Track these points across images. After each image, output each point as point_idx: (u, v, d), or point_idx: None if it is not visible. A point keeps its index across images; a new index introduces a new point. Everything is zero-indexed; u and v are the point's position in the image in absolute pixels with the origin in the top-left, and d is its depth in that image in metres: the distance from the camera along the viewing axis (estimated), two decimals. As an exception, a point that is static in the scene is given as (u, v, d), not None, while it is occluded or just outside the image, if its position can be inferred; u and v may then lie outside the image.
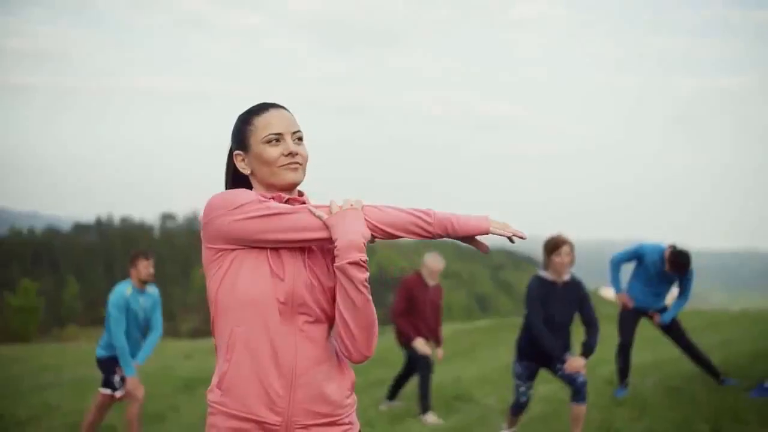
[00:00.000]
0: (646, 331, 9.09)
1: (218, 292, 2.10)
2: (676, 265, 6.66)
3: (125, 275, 6.35)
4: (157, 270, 6.32)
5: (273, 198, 2.15)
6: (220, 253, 2.10)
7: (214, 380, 2.13)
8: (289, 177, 2.15)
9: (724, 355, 8.07)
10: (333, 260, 2.14)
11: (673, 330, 7.03)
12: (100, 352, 6.28)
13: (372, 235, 2.09)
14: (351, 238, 2.02)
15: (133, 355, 6.21)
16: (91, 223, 79.20)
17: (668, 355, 8.70)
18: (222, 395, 2.10)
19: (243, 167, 2.21)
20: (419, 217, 2.11)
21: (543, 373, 5.81)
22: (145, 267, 6.17)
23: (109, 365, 6.21)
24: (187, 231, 79.70)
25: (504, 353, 12.08)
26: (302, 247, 2.12)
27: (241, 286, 2.06)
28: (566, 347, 5.38)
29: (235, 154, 2.22)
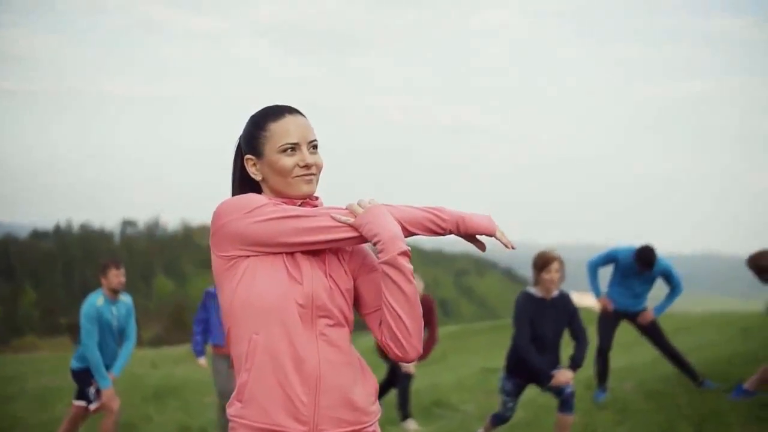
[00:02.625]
0: (621, 335, 9.11)
1: (233, 301, 2.01)
2: (642, 260, 6.73)
3: (84, 283, 6.29)
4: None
5: (285, 202, 2.08)
6: (233, 261, 2.01)
7: (234, 393, 2.03)
8: (303, 189, 2.09)
9: (699, 358, 8.12)
10: (351, 260, 2.11)
11: (652, 331, 7.06)
12: (75, 364, 6.10)
13: None
14: (392, 230, 1.98)
15: (110, 366, 6.05)
16: (49, 229, 77.79)
17: (644, 359, 8.77)
18: (243, 407, 2.00)
19: (254, 173, 2.13)
20: (434, 214, 2.10)
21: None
22: (115, 276, 6.02)
23: (83, 377, 6.03)
24: (148, 238, 78.78)
25: (474, 359, 12.11)
26: (318, 251, 2.05)
27: (257, 291, 1.98)
28: (555, 363, 5.31)
29: (246, 159, 2.13)
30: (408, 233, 2.06)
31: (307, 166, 2.07)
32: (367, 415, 2.07)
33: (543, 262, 5.23)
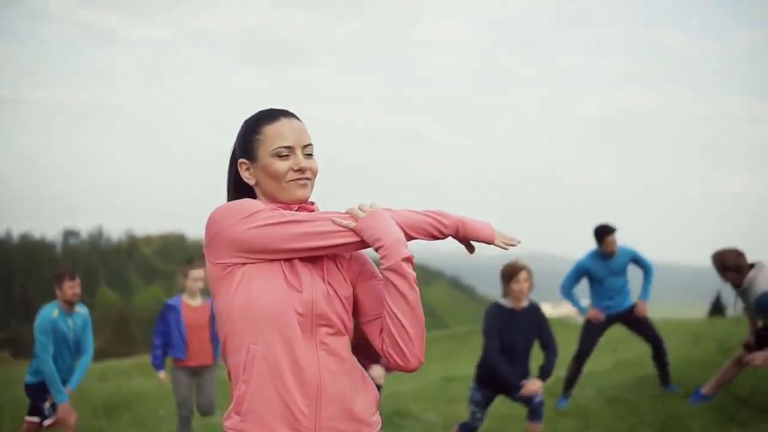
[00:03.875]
0: (575, 343, 9.21)
1: (230, 310, 1.94)
2: (600, 234, 6.84)
3: (24, 295, 6.05)
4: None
5: (281, 207, 2.02)
6: (229, 269, 1.94)
7: (231, 405, 1.97)
8: (297, 193, 2.03)
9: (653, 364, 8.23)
10: (349, 267, 2.06)
11: (645, 327, 7.08)
12: (29, 378, 5.90)
13: None
14: (395, 235, 1.93)
15: (66, 380, 5.87)
16: (-13, 240, 75.62)
17: (601, 367, 8.86)
18: (241, 420, 1.93)
19: (248, 177, 2.07)
20: (435, 218, 2.04)
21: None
22: (70, 287, 5.84)
23: (38, 392, 5.84)
24: (91, 248, 77.26)
25: (432, 368, 12.09)
26: (316, 257, 1.99)
27: (255, 300, 1.91)
28: (525, 374, 5.31)
29: (240, 163, 2.08)
30: (409, 238, 2.01)
31: (301, 170, 2.02)
32: (368, 426, 2.02)
33: (511, 272, 5.25)
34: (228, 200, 2.13)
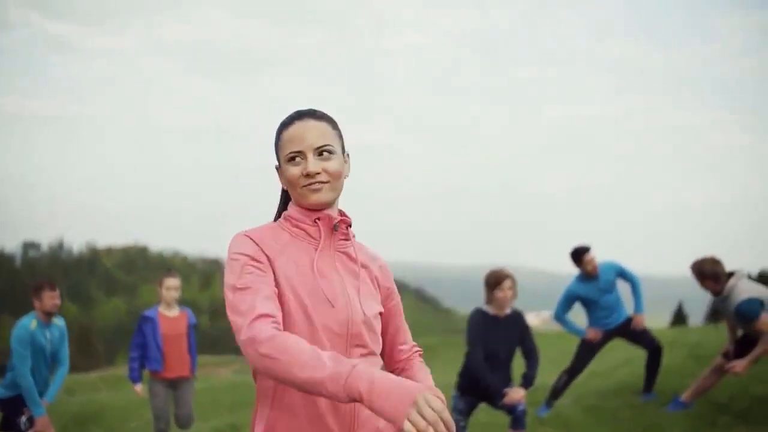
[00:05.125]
0: (551, 352, 9.29)
1: None
2: (577, 256, 6.90)
3: None
4: (20, 301, 5.84)
5: (319, 219, 1.95)
6: None
7: (259, 429, 1.89)
8: (311, 198, 1.93)
9: (629, 372, 8.34)
10: (381, 285, 2.06)
11: (644, 338, 7.09)
12: (3, 392, 5.75)
13: None
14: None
15: (42, 392, 5.75)
16: (-57, 252, 73.96)
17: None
18: None
19: (281, 183, 2.03)
20: (321, 384, 1.60)
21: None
22: (50, 298, 5.71)
23: (14, 405, 5.70)
24: (51, 260, 75.95)
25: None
26: (352, 271, 1.96)
27: (287, 320, 1.83)
28: (507, 381, 5.33)
29: (276, 168, 2.04)
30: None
31: (309, 175, 1.92)
32: None
33: (495, 280, 5.27)
34: (279, 202, 2.12)
